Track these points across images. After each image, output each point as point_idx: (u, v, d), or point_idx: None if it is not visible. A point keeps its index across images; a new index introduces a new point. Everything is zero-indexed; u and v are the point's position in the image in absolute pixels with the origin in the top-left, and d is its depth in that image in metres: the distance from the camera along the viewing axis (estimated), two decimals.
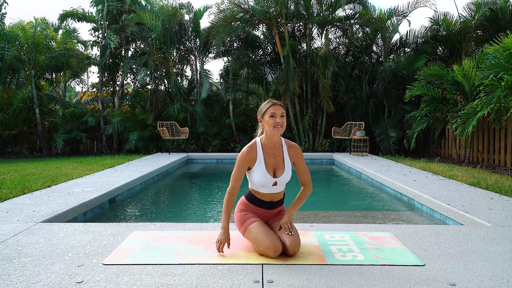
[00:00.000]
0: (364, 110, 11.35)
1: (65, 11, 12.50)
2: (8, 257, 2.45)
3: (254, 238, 2.47)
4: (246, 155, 2.52)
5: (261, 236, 2.43)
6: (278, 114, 2.48)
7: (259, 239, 2.43)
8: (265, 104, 2.53)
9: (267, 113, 2.48)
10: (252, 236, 2.49)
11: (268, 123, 2.49)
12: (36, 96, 11.47)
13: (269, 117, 2.48)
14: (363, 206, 5.13)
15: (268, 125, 2.49)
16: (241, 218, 2.60)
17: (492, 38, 7.81)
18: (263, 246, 2.41)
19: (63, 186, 5.10)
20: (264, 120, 2.51)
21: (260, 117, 2.55)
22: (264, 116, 2.50)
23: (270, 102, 2.51)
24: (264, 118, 2.51)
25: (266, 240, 2.41)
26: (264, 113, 2.50)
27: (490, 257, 2.48)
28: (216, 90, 13.29)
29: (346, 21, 11.74)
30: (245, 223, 2.56)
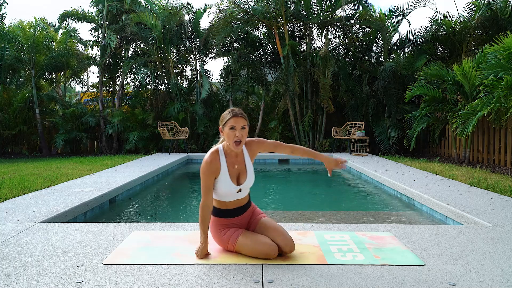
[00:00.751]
0: (364, 110, 11.35)
1: (65, 11, 12.50)
2: (8, 257, 2.45)
3: (249, 249, 2.39)
4: (210, 166, 2.38)
5: (255, 245, 2.38)
6: (238, 127, 2.36)
7: (255, 248, 2.38)
8: (227, 113, 2.40)
9: (227, 124, 2.36)
10: (245, 248, 2.40)
11: (228, 136, 2.38)
12: (36, 96, 11.47)
13: (229, 129, 2.36)
14: (363, 206, 5.12)
15: (228, 138, 2.39)
16: (223, 238, 2.48)
17: (492, 38, 7.81)
18: (262, 253, 2.37)
19: (63, 186, 5.10)
20: (224, 132, 2.39)
21: (221, 127, 2.42)
22: (225, 128, 2.38)
23: (231, 113, 2.38)
24: (224, 129, 2.39)
25: (261, 246, 2.37)
26: (225, 124, 2.38)
27: (490, 257, 2.48)
28: (216, 90, 13.30)
29: (346, 21, 11.74)
30: (230, 239, 2.45)
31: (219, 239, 2.52)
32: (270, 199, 5.54)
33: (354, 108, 11.44)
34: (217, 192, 2.46)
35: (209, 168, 2.38)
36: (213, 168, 2.40)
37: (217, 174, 2.41)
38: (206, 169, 2.38)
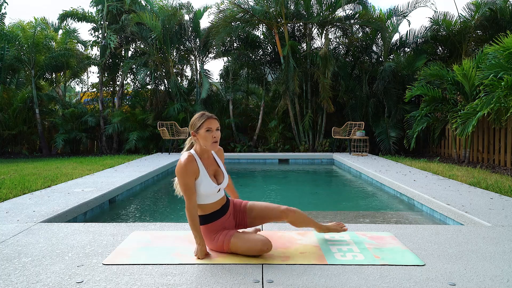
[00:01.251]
0: (364, 110, 11.35)
1: (65, 11, 12.50)
2: (8, 257, 2.45)
3: (245, 248, 2.40)
4: (189, 166, 2.38)
5: (247, 243, 2.40)
6: (214, 128, 2.44)
7: (248, 247, 2.39)
8: (199, 117, 2.45)
9: (203, 127, 2.42)
10: (240, 247, 2.41)
11: (205, 138, 2.43)
12: (36, 96, 11.47)
13: (205, 131, 2.42)
14: (363, 206, 5.13)
15: (205, 140, 2.43)
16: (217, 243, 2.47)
17: (492, 38, 7.81)
18: (256, 251, 2.39)
19: (63, 186, 5.10)
20: (199, 135, 2.44)
21: (194, 131, 2.45)
22: (199, 130, 2.43)
23: (204, 116, 2.44)
24: (199, 132, 2.43)
25: (254, 244, 2.39)
26: (199, 128, 2.43)
27: (490, 257, 2.48)
28: (216, 90, 13.30)
29: (346, 21, 11.74)
30: (224, 242, 2.44)
31: (214, 246, 2.50)
32: (270, 199, 5.54)
33: (354, 108, 11.44)
34: (201, 195, 2.46)
35: (189, 168, 2.37)
36: (192, 168, 2.39)
37: (197, 175, 2.42)
38: (185, 170, 2.37)
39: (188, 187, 2.38)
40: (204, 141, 2.43)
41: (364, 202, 5.40)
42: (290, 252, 2.54)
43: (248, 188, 6.73)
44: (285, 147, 11.77)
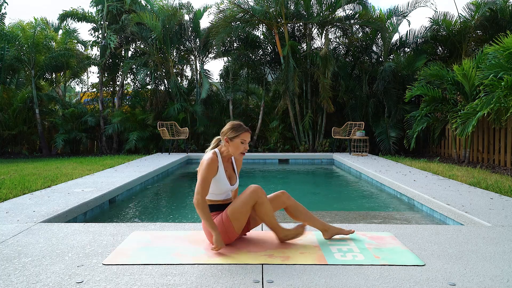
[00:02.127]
0: (364, 110, 11.35)
1: (65, 11, 12.50)
2: (8, 257, 2.45)
3: (240, 203, 2.57)
4: (214, 163, 2.58)
5: (240, 198, 2.59)
6: (247, 141, 2.67)
7: (242, 199, 2.58)
8: (237, 127, 2.64)
9: (239, 137, 2.63)
10: (236, 207, 2.57)
11: (237, 148, 2.64)
12: (36, 96, 11.47)
13: (239, 142, 2.63)
14: (363, 206, 5.13)
15: (235, 149, 2.65)
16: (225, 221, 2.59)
17: (492, 38, 7.81)
18: (252, 199, 2.57)
19: (63, 186, 5.10)
20: (233, 142, 2.64)
21: (228, 138, 2.63)
22: (235, 139, 2.63)
23: (242, 128, 2.65)
24: (233, 140, 2.63)
25: (247, 195, 2.57)
26: (235, 137, 2.63)
27: (490, 257, 2.48)
28: (216, 90, 13.30)
29: (346, 21, 11.74)
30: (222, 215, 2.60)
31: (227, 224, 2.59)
32: None
33: (354, 108, 11.44)
34: (215, 190, 2.65)
35: (213, 164, 2.58)
36: (215, 166, 2.60)
37: (216, 173, 2.61)
38: (210, 165, 2.56)
39: (206, 181, 2.55)
40: (235, 150, 2.65)
41: (364, 202, 5.40)
42: (290, 252, 2.54)
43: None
44: (285, 147, 11.78)
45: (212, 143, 2.79)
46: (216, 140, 2.78)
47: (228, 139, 2.64)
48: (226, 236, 2.60)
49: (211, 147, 2.76)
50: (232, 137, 2.63)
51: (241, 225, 2.62)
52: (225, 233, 2.58)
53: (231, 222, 2.57)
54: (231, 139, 2.63)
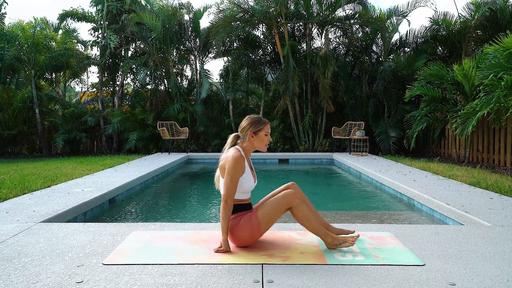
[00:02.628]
0: (364, 110, 11.35)
1: (64, 11, 12.50)
2: (8, 257, 2.46)
3: (273, 210, 2.58)
4: (242, 161, 2.55)
5: (272, 203, 2.60)
6: (269, 133, 2.69)
7: (276, 203, 2.59)
8: (259, 121, 2.66)
9: (263, 130, 2.64)
10: (267, 215, 2.57)
11: (262, 140, 2.65)
12: (36, 96, 11.47)
13: (264, 135, 2.65)
14: (363, 206, 5.13)
15: (261, 142, 2.65)
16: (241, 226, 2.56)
17: (492, 38, 7.81)
18: (287, 203, 2.56)
19: (63, 186, 5.10)
20: (258, 136, 2.64)
21: (253, 132, 2.63)
22: (259, 132, 2.64)
23: (264, 121, 2.67)
24: (258, 134, 2.64)
25: (280, 199, 2.59)
26: (259, 130, 2.64)
27: (490, 257, 2.48)
28: (216, 90, 13.30)
29: (346, 21, 11.74)
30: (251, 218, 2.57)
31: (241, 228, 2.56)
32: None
33: (354, 108, 11.44)
34: (242, 189, 2.60)
35: (241, 161, 2.54)
36: (243, 163, 2.56)
37: (243, 170, 2.58)
38: (238, 163, 2.52)
39: (235, 180, 2.52)
40: (261, 143, 2.65)
41: (364, 202, 5.40)
42: (290, 252, 2.54)
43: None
44: (285, 147, 11.78)
45: (229, 141, 2.72)
46: (234, 137, 2.72)
47: (252, 133, 2.63)
48: (251, 236, 2.57)
49: (229, 145, 2.70)
50: (256, 130, 2.62)
51: (268, 228, 2.62)
52: (250, 233, 2.56)
53: (260, 225, 2.56)
54: (256, 133, 2.63)
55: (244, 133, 2.66)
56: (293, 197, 2.56)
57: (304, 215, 2.57)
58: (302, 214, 2.56)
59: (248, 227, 2.55)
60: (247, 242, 2.60)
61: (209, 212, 4.85)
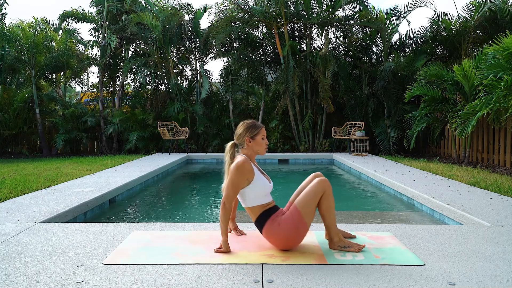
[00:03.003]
0: (364, 110, 11.35)
1: (65, 11, 12.50)
2: (8, 257, 2.46)
3: (313, 198, 2.58)
4: (247, 166, 2.55)
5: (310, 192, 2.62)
6: (265, 136, 2.73)
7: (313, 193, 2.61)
8: (254, 126, 2.68)
9: (259, 134, 2.67)
10: (308, 205, 2.57)
11: (260, 144, 2.68)
12: (36, 96, 11.47)
13: (261, 139, 2.68)
14: (363, 206, 5.13)
15: (259, 146, 2.68)
16: (279, 223, 2.53)
17: (492, 38, 7.82)
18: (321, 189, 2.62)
19: (63, 186, 5.11)
20: (255, 141, 2.67)
21: (250, 137, 2.65)
22: (256, 137, 2.66)
23: (259, 125, 2.70)
24: (255, 139, 2.66)
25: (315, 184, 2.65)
26: (256, 134, 2.66)
27: (490, 257, 2.49)
28: (216, 90, 13.30)
29: (346, 21, 11.74)
30: (292, 212, 2.56)
31: (284, 228, 2.51)
32: None
33: (354, 108, 11.44)
34: (261, 192, 2.60)
35: (247, 167, 2.54)
36: (249, 168, 2.56)
37: (252, 176, 2.57)
38: (243, 169, 2.53)
39: (237, 184, 2.53)
40: (259, 147, 2.68)
41: (364, 202, 5.40)
42: (290, 252, 2.55)
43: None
44: (285, 147, 11.78)
45: (227, 150, 2.72)
46: (231, 146, 2.72)
47: (249, 138, 2.65)
48: (296, 233, 2.51)
49: (228, 155, 2.70)
50: (253, 135, 2.65)
51: (311, 219, 2.57)
52: (295, 230, 2.50)
53: (303, 217, 2.52)
54: (253, 138, 2.65)
55: (241, 139, 2.67)
56: (327, 183, 2.61)
57: (331, 205, 2.60)
58: (329, 204, 2.59)
59: (291, 224, 2.50)
60: (294, 242, 2.54)
61: (209, 212, 4.86)
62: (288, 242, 2.53)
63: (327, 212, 2.59)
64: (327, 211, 2.59)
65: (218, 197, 5.83)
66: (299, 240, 2.57)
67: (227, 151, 2.72)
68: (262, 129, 2.69)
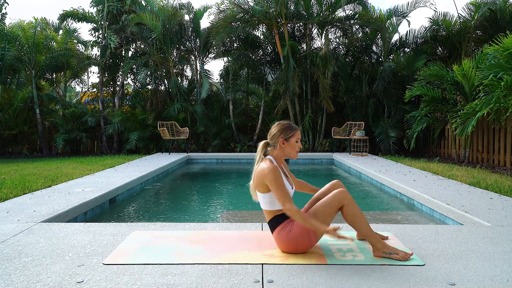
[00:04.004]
0: (364, 110, 11.35)
1: (65, 11, 12.50)
2: (8, 257, 2.46)
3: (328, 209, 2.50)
4: (278, 169, 2.48)
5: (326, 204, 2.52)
6: (300, 139, 2.64)
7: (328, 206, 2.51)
8: (290, 127, 2.59)
9: (294, 136, 2.59)
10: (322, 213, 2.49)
11: (293, 147, 2.59)
12: (36, 96, 11.47)
13: (295, 142, 2.59)
14: (363, 206, 5.12)
15: (292, 149, 2.59)
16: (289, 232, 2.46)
17: (492, 38, 7.82)
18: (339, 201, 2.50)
19: (63, 186, 5.11)
20: (289, 143, 2.58)
21: (284, 139, 2.56)
22: (290, 139, 2.58)
23: (295, 127, 2.61)
24: (289, 140, 2.58)
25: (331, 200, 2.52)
26: (291, 137, 2.58)
27: (490, 257, 2.49)
28: (216, 90, 13.30)
29: (346, 21, 11.74)
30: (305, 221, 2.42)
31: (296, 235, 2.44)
32: None
33: (354, 108, 11.44)
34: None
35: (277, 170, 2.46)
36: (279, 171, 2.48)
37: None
38: (279, 173, 2.45)
39: (283, 187, 2.42)
40: (292, 149, 2.59)
41: (364, 202, 5.40)
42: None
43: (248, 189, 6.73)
44: None
45: (260, 149, 2.63)
46: (264, 145, 2.63)
47: (283, 140, 2.56)
48: (307, 240, 2.45)
49: (259, 153, 2.62)
50: (287, 137, 2.56)
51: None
52: (306, 236, 2.44)
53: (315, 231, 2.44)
54: (287, 140, 2.57)
55: (275, 140, 2.58)
56: (344, 194, 2.48)
57: (357, 214, 2.47)
58: (353, 213, 2.47)
59: (302, 233, 2.44)
60: (302, 249, 2.50)
61: (209, 212, 4.86)
62: (296, 249, 2.49)
63: (354, 221, 2.49)
64: (353, 221, 2.49)
65: (218, 197, 5.84)
66: (308, 248, 2.52)
67: (259, 149, 2.63)
68: (297, 131, 2.60)
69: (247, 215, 4.50)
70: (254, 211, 4.64)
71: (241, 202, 5.36)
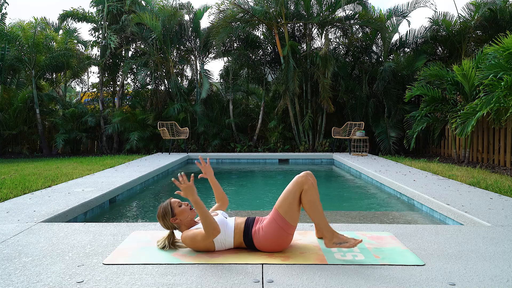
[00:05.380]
0: (364, 110, 11.35)
1: (65, 11, 12.50)
2: (8, 257, 2.46)
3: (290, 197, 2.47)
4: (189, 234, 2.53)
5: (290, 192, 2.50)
6: (179, 202, 2.62)
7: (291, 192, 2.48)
8: (165, 208, 2.56)
9: (174, 209, 2.57)
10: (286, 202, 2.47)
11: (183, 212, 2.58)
12: (36, 96, 11.48)
13: (179, 207, 2.59)
14: (363, 206, 5.13)
15: (184, 213, 2.58)
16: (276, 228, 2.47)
17: (492, 38, 7.82)
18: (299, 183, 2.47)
19: (63, 186, 5.11)
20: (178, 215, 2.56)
21: (172, 218, 2.55)
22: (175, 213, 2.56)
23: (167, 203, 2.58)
24: (175, 214, 2.56)
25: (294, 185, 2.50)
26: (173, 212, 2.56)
27: (490, 257, 2.48)
28: (216, 90, 13.30)
29: (346, 21, 11.74)
30: (274, 216, 2.49)
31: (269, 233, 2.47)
32: (270, 199, 5.54)
33: (354, 108, 11.44)
34: (226, 232, 2.55)
35: (191, 235, 2.52)
36: (199, 239, 2.52)
37: (206, 242, 2.52)
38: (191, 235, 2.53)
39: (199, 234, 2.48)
40: (186, 215, 2.56)
41: (364, 202, 5.40)
42: (290, 252, 2.55)
43: (248, 188, 6.74)
44: (285, 147, 11.78)
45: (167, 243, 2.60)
46: (169, 236, 2.62)
47: (173, 219, 2.55)
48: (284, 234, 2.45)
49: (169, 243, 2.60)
50: (172, 216, 2.54)
51: (295, 217, 2.44)
52: (282, 231, 2.44)
53: (285, 218, 2.43)
54: (174, 216, 2.55)
55: (169, 224, 2.57)
56: (305, 178, 2.43)
57: (313, 199, 2.42)
58: (310, 199, 2.42)
59: (275, 228, 2.45)
60: (285, 242, 2.50)
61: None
62: (280, 244, 2.50)
63: (310, 208, 2.43)
64: (310, 207, 2.43)
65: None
66: (290, 239, 2.52)
67: (166, 243, 2.58)
68: (171, 202, 2.57)
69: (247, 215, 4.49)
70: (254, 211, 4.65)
71: (241, 202, 5.36)
